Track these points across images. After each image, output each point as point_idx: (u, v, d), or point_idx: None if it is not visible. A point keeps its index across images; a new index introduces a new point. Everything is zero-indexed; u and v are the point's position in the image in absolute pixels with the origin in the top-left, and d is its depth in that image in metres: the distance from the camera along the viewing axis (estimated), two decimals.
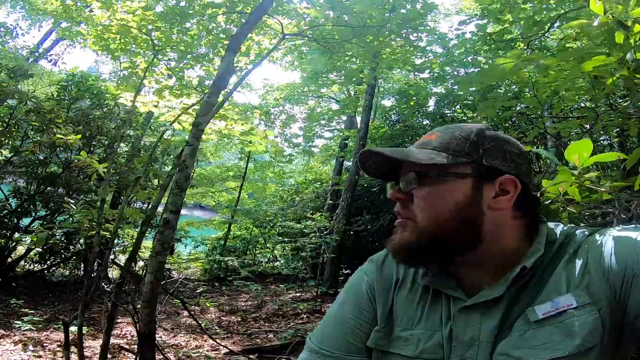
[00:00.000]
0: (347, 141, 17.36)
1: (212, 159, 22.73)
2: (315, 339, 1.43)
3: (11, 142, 9.20)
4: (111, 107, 11.43)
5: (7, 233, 9.18)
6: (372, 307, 1.42)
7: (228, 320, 8.53)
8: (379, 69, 9.99)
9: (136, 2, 7.39)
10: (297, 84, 20.12)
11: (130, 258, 4.48)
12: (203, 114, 4.42)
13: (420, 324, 1.32)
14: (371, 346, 1.36)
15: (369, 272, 1.50)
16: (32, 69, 14.49)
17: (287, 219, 15.54)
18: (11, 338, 6.00)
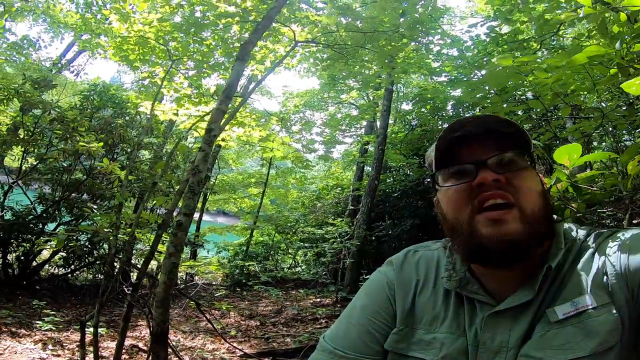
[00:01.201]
0: (367, 146, 17.42)
1: (234, 166, 22.95)
2: (330, 339, 1.41)
3: (36, 150, 9.51)
4: (132, 115, 11.70)
5: (32, 238, 9.37)
6: (391, 309, 1.40)
7: (247, 324, 8.59)
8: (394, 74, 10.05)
9: (152, 14, 7.60)
10: (316, 90, 20.38)
11: (147, 260, 4.59)
12: (214, 121, 4.56)
13: (444, 327, 1.29)
14: (388, 348, 1.34)
15: (388, 274, 1.47)
16: (56, 80, 14.85)
17: (309, 225, 15.56)
18: (32, 337, 6.16)
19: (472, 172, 1.23)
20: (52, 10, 18.08)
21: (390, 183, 15.25)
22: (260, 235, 17.87)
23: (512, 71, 4.22)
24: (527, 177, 1.22)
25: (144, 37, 7.70)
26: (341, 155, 22.42)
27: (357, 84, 16.56)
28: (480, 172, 1.21)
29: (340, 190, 18.07)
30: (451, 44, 8.65)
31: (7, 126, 9.85)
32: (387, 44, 7.50)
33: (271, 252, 16.74)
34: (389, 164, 15.82)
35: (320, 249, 13.44)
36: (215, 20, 7.13)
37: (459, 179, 1.25)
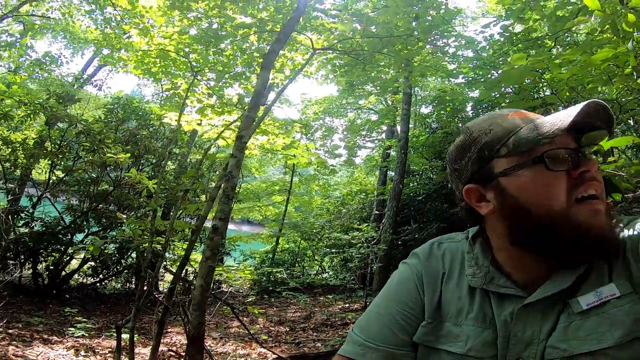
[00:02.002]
0: (389, 151, 17.42)
1: (257, 174, 23.12)
2: (359, 331, 1.41)
3: (63, 162, 9.79)
4: (156, 127, 11.95)
5: (61, 248, 9.67)
6: (420, 301, 1.39)
7: (277, 330, 8.66)
8: (412, 77, 10.13)
9: (171, 27, 7.82)
10: (334, 97, 20.56)
11: (182, 265, 4.69)
12: (245, 128, 4.71)
13: (469, 319, 1.30)
14: (418, 341, 1.35)
15: (415, 265, 1.47)
16: (79, 95, 15.21)
17: (335, 231, 15.57)
18: (64, 344, 6.29)
19: (570, 160, 1.18)
20: (72, 27, 18.48)
21: (414, 187, 15.29)
22: (286, 243, 17.95)
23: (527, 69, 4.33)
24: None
25: (164, 50, 7.93)
26: (363, 161, 22.46)
27: (375, 89, 16.63)
28: (583, 160, 1.18)
29: (365, 196, 18.09)
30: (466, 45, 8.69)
31: (34, 140, 10.17)
32: (403, 48, 7.62)
33: (297, 259, 16.78)
34: (411, 168, 15.84)
35: (347, 254, 13.54)
36: (233, 31, 7.30)
37: (555, 165, 1.17)
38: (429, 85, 19.02)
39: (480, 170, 1.27)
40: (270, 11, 7.31)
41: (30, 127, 10.56)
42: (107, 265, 10.47)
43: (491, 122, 1.26)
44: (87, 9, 15.10)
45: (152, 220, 4.87)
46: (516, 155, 1.19)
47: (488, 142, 1.24)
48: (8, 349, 5.54)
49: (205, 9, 7.41)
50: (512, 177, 1.20)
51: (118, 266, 10.68)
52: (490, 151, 1.23)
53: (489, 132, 1.25)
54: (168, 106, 9.69)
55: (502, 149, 1.21)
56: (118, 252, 10.20)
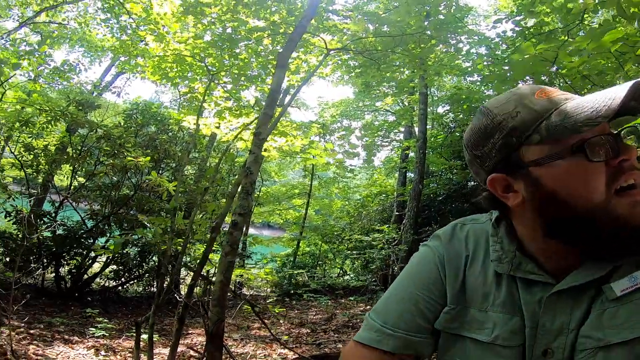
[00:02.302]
0: (408, 152, 17.45)
1: (277, 178, 23.19)
2: (376, 316, 1.36)
3: (85, 167, 10.01)
4: (175, 131, 12.16)
5: (83, 252, 9.91)
6: (441, 285, 1.34)
7: (298, 331, 8.66)
8: (427, 76, 10.19)
9: (186, 33, 7.98)
10: (351, 99, 20.72)
11: (201, 262, 4.72)
12: (262, 125, 4.76)
13: (496, 305, 1.25)
14: (440, 328, 1.31)
15: (437, 248, 1.40)
16: (98, 102, 15.51)
17: (355, 233, 15.54)
18: (84, 344, 6.40)
19: (610, 148, 1.10)
20: (88, 36, 18.82)
21: (434, 188, 15.27)
22: (306, 246, 17.98)
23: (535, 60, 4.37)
24: None
25: (180, 55, 8.05)
26: (382, 162, 22.47)
27: (391, 90, 16.68)
28: (623, 147, 1.11)
29: (385, 197, 18.05)
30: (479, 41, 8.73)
31: (56, 146, 10.41)
32: (416, 47, 7.64)
33: (318, 262, 16.85)
34: (430, 169, 15.84)
35: (368, 256, 13.55)
36: (247, 35, 7.42)
37: (596, 154, 1.08)
38: (445, 85, 19.01)
39: (507, 158, 1.17)
40: (282, 14, 7.39)
41: (51, 133, 10.80)
42: (129, 269, 10.68)
43: (516, 104, 1.15)
44: (102, 17, 15.37)
45: (172, 219, 4.98)
46: (550, 143, 1.10)
47: (515, 127, 1.13)
48: (29, 347, 5.64)
49: (218, 14, 7.52)
50: (546, 167, 1.11)
51: (139, 270, 10.89)
52: (519, 138, 1.13)
53: (515, 115, 1.14)
54: (186, 110, 9.83)
55: (533, 136, 1.11)
56: (139, 256, 10.41)
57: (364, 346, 1.33)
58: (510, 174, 1.17)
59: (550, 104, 1.12)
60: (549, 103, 1.12)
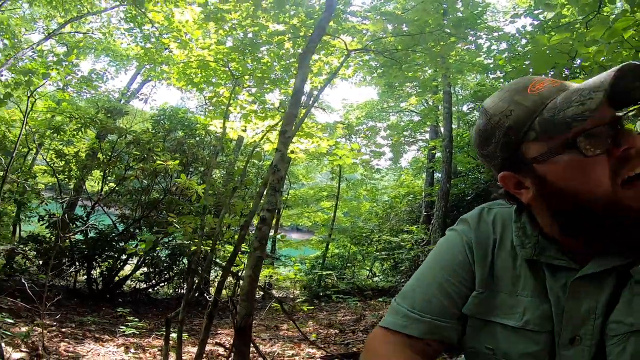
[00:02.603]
0: (434, 151, 17.51)
1: (305, 181, 23.35)
2: (402, 301, 1.37)
3: (115, 172, 10.31)
4: (202, 136, 12.37)
5: (114, 254, 10.19)
6: (470, 269, 1.34)
7: (326, 332, 8.66)
8: (449, 74, 10.25)
9: (208, 39, 8.16)
10: (375, 101, 20.83)
11: (231, 259, 4.82)
12: (287, 123, 4.82)
13: (526, 290, 1.25)
14: (468, 313, 1.31)
15: (464, 232, 1.41)
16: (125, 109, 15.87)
17: (384, 234, 15.52)
18: (115, 342, 6.54)
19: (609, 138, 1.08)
20: (113, 45, 19.23)
21: (462, 187, 15.27)
22: (335, 248, 17.95)
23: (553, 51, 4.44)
24: None
25: (204, 61, 8.21)
26: (409, 163, 22.52)
27: (414, 90, 16.74)
28: (624, 135, 1.09)
29: (412, 198, 18.02)
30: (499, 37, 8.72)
31: (86, 152, 10.74)
32: (436, 45, 7.66)
33: (347, 264, 16.78)
34: (458, 168, 15.79)
35: (397, 256, 13.61)
36: (268, 39, 7.54)
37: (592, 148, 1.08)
38: (469, 84, 19.03)
39: (511, 156, 1.19)
40: (301, 17, 7.49)
41: (81, 140, 11.13)
42: (159, 271, 10.90)
43: (510, 102, 1.16)
44: (125, 27, 15.72)
45: (202, 217, 5.12)
46: (546, 140, 1.11)
47: (512, 126, 1.15)
48: (60, 345, 5.77)
49: (239, 20, 7.64)
50: (548, 164, 1.12)
51: (170, 272, 11.10)
52: (516, 136, 1.15)
53: (509, 114, 1.16)
54: (212, 114, 10.01)
55: (530, 133, 1.13)
56: (169, 258, 10.65)
57: (390, 331, 1.33)
58: (518, 171, 1.19)
59: (542, 98, 1.12)
60: (540, 98, 1.13)
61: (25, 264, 9.51)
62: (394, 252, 14.06)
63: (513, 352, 1.22)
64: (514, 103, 1.15)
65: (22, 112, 10.17)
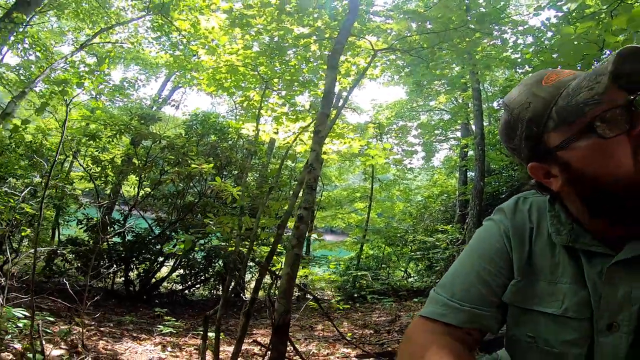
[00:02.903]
0: (467, 149, 17.54)
1: (338, 182, 23.43)
2: (442, 290, 1.41)
3: (150, 176, 10.58)
4: (235, 140, 12.57)
5: (151, 257, 10.42)
6: (508, 258, 1.38)
7: (361, 332, 8.65)
8: (476, 70, 10.27)
9: (235, 44, 8.30)
10: (404, 100, 20.91)
11: (268, 257, 4.84)
12: (320, 123, 4.88)
13: (565, 277, 1.27)
14: (507, 301, 1.35)
15: (501, 221, 1.45)
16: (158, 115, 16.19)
17: (418, 234, 15.54)
18: (152, 341, 6.63)
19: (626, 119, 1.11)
20: (142, 54, 19.64)
21: (496, 186, 15.26)
22: (370, 249, 17.93)
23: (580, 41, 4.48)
24: None
25: (233, 66, 8.35)
26: (442, 162, 22.50)
27: (443, 88, 16.72)
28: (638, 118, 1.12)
29: (446, 198, 18.04)
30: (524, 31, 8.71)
31: (122, 158, 11.04)
32: (462, 41, 7.68)
33: (382, 265, 16.75)
34: (491, 167, 15.72)
35: (432, 256, 13.54)
36: (294, 42, 7.63)
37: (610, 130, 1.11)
38: (497, 80, 18.91)
39: (535, 147, 1.24)
40: (325, 19, 7.61)
41: (116, 147, 11.44)
42: (195, 273, 11.08)
43: (527, 95, 1.23)
44: (153, 36, 16.04)
45: (240, 215, 5.24)
46: (565, 127, 1.16)
47: (532, 118, 1.21)
48: (98, 343, 5.91)
49: (264, 24, 7.75)
50: (570, 151, 1.17)
51: (205, 274, 11.26)
52: (537, 127, 1.21)
53: (528, 106, 1.22)
54: (245, 118, 10.18)
55: (549, 123, 1.18)
56: (205, 260, 10.82)
57: (429, 320, 1.37)
58: (544, 161, 1.24)
59: (556, 88, 1.18)
60: (555, 88, 1.18)
61: (65, 266, 9.76)
62: (428, 252, 14.00)
63: (553, 340, 1.26)
64: (532, 95, 1.21)
65: (58, 121, 10.54)
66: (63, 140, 4.88)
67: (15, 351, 4.39)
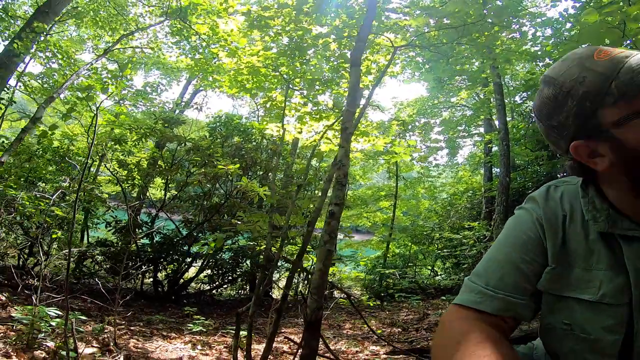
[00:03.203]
0: (491, 145, 17.52)
1: (362, 181, 23.48)
2: (477, 279, 1.43)
3: (176, 179, 10.78)
4: (259, 141, 12.76)
5: (179, 258, 10.66)
6: (542, 245, 1.39)
7: (389, 330, 8.75)
8: (497, 64, 10.30)
9: (254, 46, 8.39)
10: (425, 97, 20.99)
11: (300, 254, 4.86)
12: (347, 120, 4.93)
13: (601, 263, 1.28)
14: (542, 289, 1.36)
15: (534, 210, 1.46)
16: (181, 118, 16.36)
17: (445, 232, 15.52)
18: (182, 339, 6.76)
19: None
20: (163, 59, 19.90)
21: (522, 181, 15.19)
22: (396, 248, 18.00)
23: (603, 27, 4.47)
24: None
25: (254, 67, 8.46)
26: (466, 159, 22.51)
27: (464, 83, 16.82)
28: None
29: (472, 194, 18.05)
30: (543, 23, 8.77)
31: (147, 161, 11.26)
32: (480, 35, 7.70)
33: (409, 264, 16.76)
34: (516, 162, 15.66)
35: (459, 253, 13.54)
36: (313, 42, 7.70)
37: None
38: (518, 74, 18.83)
39: (584, 124, 1.21)
40: (342, 18, 7.64)
41: (141, 150, 11.65)
42: (223, 273, 11.25)
43: (580, 68, 1.19)
44: (172, 40, 16.24)
45: (270, 214, 5.32)
46: (625, 102, 1.13)
47: (587, 92, 1.17)
48: (129, 341, 6.05)
49: (282, 25, 7.80)
50: (627, 128, 1.14)
51: (233, 274, 11.42)
52: (593, 102, 1.17)
53: (582, 80, 1.18)
54: (269, 118, 10.27)
55: (607, 98, 1.15)
56: (233, 260, 10.97)
57: (464, 307, 1.40)
58: (592, 139, 1.22)
59: (613, 63, 1.15)
60: (612, 63, 1.15)
61: (95, 267, 9.98)
62: (455, 250, 13.96)
63: (590, 327, 1.27)
64: (586, 69, 1.18)
65: (83, 126, 10.78)
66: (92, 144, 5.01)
67: (48, 349, 4.55)
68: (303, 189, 10.71)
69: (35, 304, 4.74)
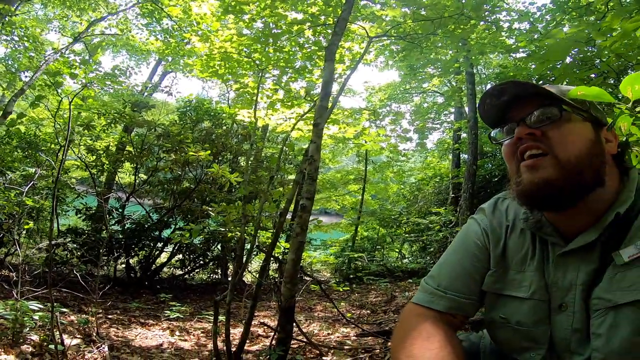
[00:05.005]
0: (460, 133, 17.54)
1: (331, 164, 23.43)
2: (431, 281, 1.66)
3: (147, 163, 10.73)
4: (229, 125, 12.68)
5: (150, 243, 10.60)
6: (486, 252, 1.61)
7: (358, 312, 8.92)
8: (470, 56, 10.33)
9: (227, 31, 8.26)
10: (397, 82, 20.77)
11: (272, 244, 5.08)
12: (319, 116, 5.08)
13: (532, 266, 1.49)
14: (486, 289, 1.58)
15: (481, 220, 1.69)
16: (150, 102, 16.19)
17: (412, 216, 15.72)
18: (159, 326, 6.84)
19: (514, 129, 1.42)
20: (132, 41, 19.54)
21: (489, 169, 15.35)
22: (364, 231, 18.13)
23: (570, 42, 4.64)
24: (566, 129, 1.36)
25: (227, 53, 8.38)
26: (435, 145, 22.43)
27: (436, 71, 16.68)
28: (518, 128, 1.40)
29: (439, 180, 18.13)
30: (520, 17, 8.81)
31: (116, 146, 11.17)
32: (457, 28, 7.75)
33: (377, 247, 16.95)
34: (484, 150, 15.77)
35: (426, 238, 13.71)
36: (288, 28, 7.62)
37: (507, 136, 1.46)
38: (491, 62, 19.01)
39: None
40: (319, 4, 7.55)
41: (110, 135, 11.54)
42: (194, 258, 11.24)
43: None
44: (143, 22, 16.02)
45: (244, 204, 5.38)
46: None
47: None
48: (110, 331, 6.07)
49: (257, 10, 7.73)
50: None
51: (204, 258, 11.42)
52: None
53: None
54: (240, 104, 10.24)
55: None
56: (204, 245, 10.92)
57: (419, 306, 1.63)
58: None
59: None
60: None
61: (67, 255, 9.92)
62: (422, 234, 14.19)
63: (523, 319, 1.48)
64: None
65: (49, 110, 10.64)
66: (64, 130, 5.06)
67: (33, 343, 4.52)
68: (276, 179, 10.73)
69: (16, 298, 4.73)
